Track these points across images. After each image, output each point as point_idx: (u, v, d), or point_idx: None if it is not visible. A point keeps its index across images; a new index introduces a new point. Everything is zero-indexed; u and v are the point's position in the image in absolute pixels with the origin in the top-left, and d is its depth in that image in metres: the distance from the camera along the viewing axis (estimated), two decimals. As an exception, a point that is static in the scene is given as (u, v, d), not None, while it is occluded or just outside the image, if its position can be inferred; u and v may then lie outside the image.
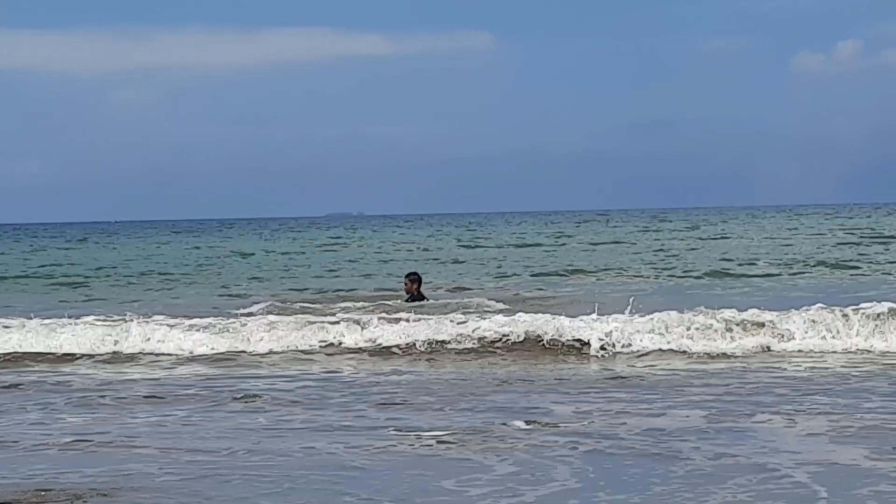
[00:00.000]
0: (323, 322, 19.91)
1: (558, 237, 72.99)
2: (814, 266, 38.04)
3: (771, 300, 23.57)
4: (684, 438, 11.05)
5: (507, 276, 37.64)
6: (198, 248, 68.53)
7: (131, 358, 18.91)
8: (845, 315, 18.79)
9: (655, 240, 64.90)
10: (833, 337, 18.43)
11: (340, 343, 19.06)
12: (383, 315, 20.38)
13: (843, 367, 16.36)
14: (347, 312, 21.61)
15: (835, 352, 17.88)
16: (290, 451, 10.92)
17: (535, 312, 20.02)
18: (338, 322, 19.72)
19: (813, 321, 18.72)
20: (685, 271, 37.29)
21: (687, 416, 12.26)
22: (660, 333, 18.53)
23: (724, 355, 17.70)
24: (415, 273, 24.72)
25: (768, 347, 18.18)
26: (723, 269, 37.51)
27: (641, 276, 35.72)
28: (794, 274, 35.33)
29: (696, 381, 15.09)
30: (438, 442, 11.13)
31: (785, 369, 16.19)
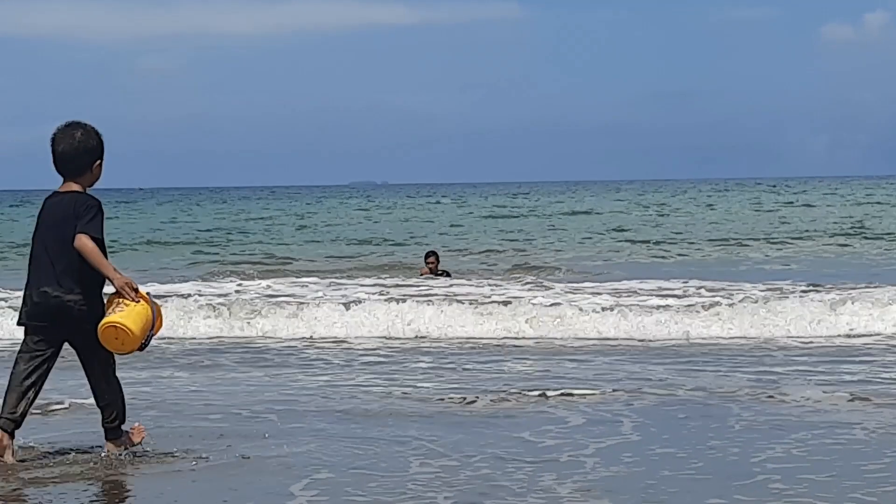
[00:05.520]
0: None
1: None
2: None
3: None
4: (733, 400, 11.66)
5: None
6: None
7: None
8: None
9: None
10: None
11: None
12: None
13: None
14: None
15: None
16: (373, 404, 11.56)
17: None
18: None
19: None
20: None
21: (729, 381, 12.88)
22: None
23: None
24: (433, 252, 26.03)
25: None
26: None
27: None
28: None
29: (730, 351, 15.90)
30: (502, 400, 11.76)
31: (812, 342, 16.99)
